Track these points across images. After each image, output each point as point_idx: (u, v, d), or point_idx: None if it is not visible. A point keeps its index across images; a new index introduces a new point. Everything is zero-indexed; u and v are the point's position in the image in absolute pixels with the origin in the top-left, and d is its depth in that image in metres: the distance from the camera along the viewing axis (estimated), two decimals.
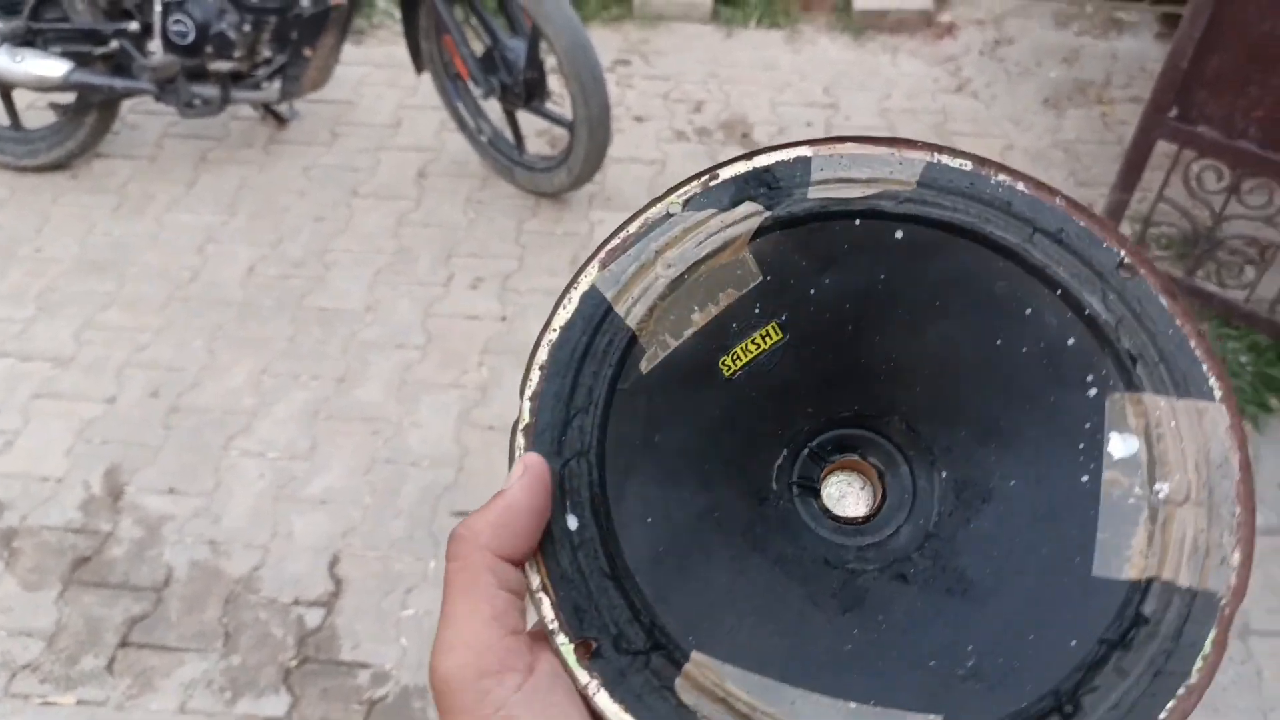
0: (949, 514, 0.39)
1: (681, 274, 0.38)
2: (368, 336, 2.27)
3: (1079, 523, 0.35)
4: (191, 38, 2.38)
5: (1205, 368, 0.35)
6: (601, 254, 0.38)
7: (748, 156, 0.39)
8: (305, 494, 1.95)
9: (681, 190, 0.39)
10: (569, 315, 0.38)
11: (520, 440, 0.37)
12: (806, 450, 0.41)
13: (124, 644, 1.72)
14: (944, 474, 0.39)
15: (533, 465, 0.36)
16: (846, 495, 0.41)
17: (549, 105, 2.47)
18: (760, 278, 0.39)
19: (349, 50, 3.17)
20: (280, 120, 2.86)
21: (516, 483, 0.36)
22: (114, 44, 2.44)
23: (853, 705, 0.34)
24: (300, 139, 2.85)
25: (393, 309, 2.33)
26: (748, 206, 0.38)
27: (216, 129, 2.86)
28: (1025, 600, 0.35)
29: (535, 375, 0.37)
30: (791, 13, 3.35)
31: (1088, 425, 0.36)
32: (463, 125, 2.63)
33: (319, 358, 2.21)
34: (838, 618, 0.37)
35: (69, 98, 2.57)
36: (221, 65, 2.43)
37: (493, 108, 2.56)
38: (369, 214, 2.60)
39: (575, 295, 0.38)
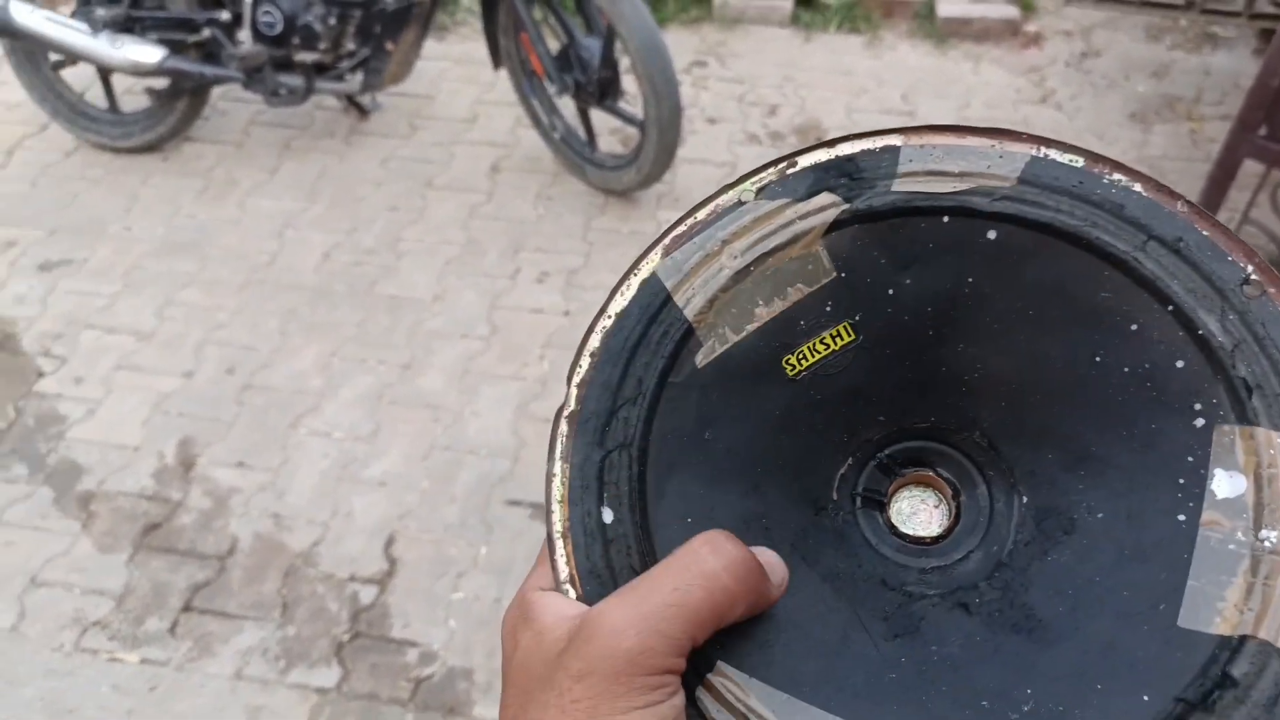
0: (1025, 544, 0.36)
1: (747, 265, 0.36)
2: (433, 325, 2.31)
3: (1169, 566, 0.32)
4: (279, 28, 2.46)
5: None
6: (666, 240, 0.37)
7: (830, 144, 0.36)
8: (366, 475, 2.00)
9: (756, 177, 0.37)
10: (625, 303, 0.36)
11: (564, 427, 0.36)
12: (875, 461, 0.38)
13: (187, 608, 1.79)
14: (1025, 499, 0.36)
15: (768, 559, 0.34)
16: (919, 512, 0.38)
17: (622, 104, 2.49)
18: (834, 274, 0.36)
19: (430, 45, 3.24)
20: (362, 111, 2.93)
21: (724, 566, 0.32)
22: (206, 32, 2.53)
23: None
24: (380, 130, 2.92)
25: (459, 299, 2.37)
26: (825, 197, 0.36)
27: (301, 118, 2.94)
28: (1098, 646, 0.32)
29: (585, 362, 0.36)
30: (873, 18, 3.32)
31: (1191, 459, 0.33)
32: (537, 121, 2.66)
33: (385, 344, 2.26)
34: (886, 643, 0.35)
35: (163, 83, 2.66)
36: (306, 56, 2.50)
37: (567, 105, 2.59)
38: (441, 205, 2.65)
39: (634, 282, 0.36)
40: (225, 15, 2.51)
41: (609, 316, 0.36)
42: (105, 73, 2.73)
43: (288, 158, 2.83)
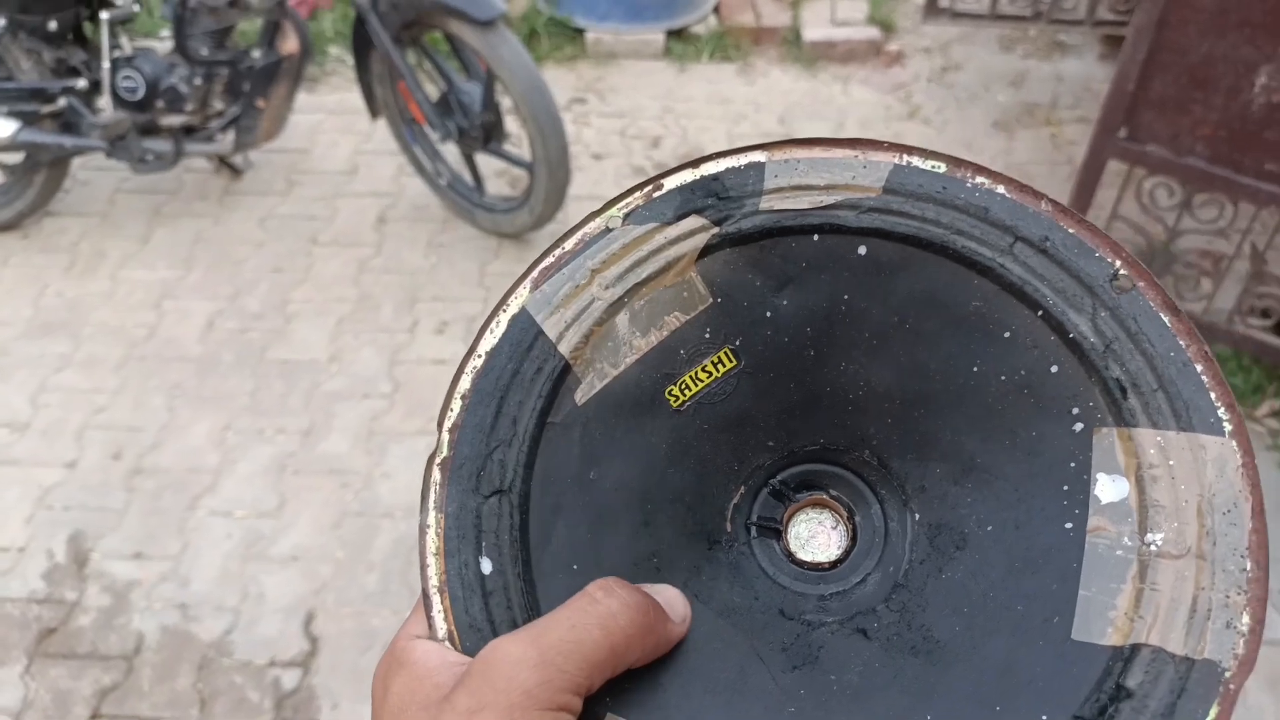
0: (920, 562, 0.35)
1: (621, 296, 0.35)
2: (332, 387, 2.24)
3: (1060, 576, 0.32)
4: (142, 93, 2.36)
5: (1213, 396, 0.31)
6: (534, 273, 0.35)
7: (695, 164, 0.36)
8: (275, 552, 1.91)
9: (622, 203, 0.36)
10: (495, 340, 0.35)
11: (436, 475, 0.34)
12: (768, 488, 0.38)
13: (95, 716, 1.67)
14: (917, 515, 0.36)
15: (667, 597, 0.33)
16: (816, 535, 0.38)
17: (507, 147, 2.47)
18: (710, 300, 0.35)
19: (302, 98, 3.15)
20: (235, 171, 2.83)
21: (620, 608, 0.31)
22: (62, 102, 2.40)
23: None
24: (256, 189, 2.82)
25: (357, 358, 2.30)
26: (693, 220, 0.35)
27: (170, 182, 2.82)
28: (995, 666, 0.32)
29: (456, 405, 0.34)
30: (743, 46, 3.39)
31: (1073, 465, 0.32)
32: (421, 169, 2.62)
33: (283, 411, 2.18)
34: (785, 675, 0.34)
35: (17, 157, 2.52)
36: (173, 120, 2.40)
37: (451, 151, 2.56)
38: (329, 262, 2.57)
39: (504, 318, 0.35)
40: (82, 83, 2.39)
41: (479, 356, 0.35)
42: None
43: (159, 225, 2.71)
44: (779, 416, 0.37)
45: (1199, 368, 0.31)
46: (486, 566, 0.33)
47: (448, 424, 0.34)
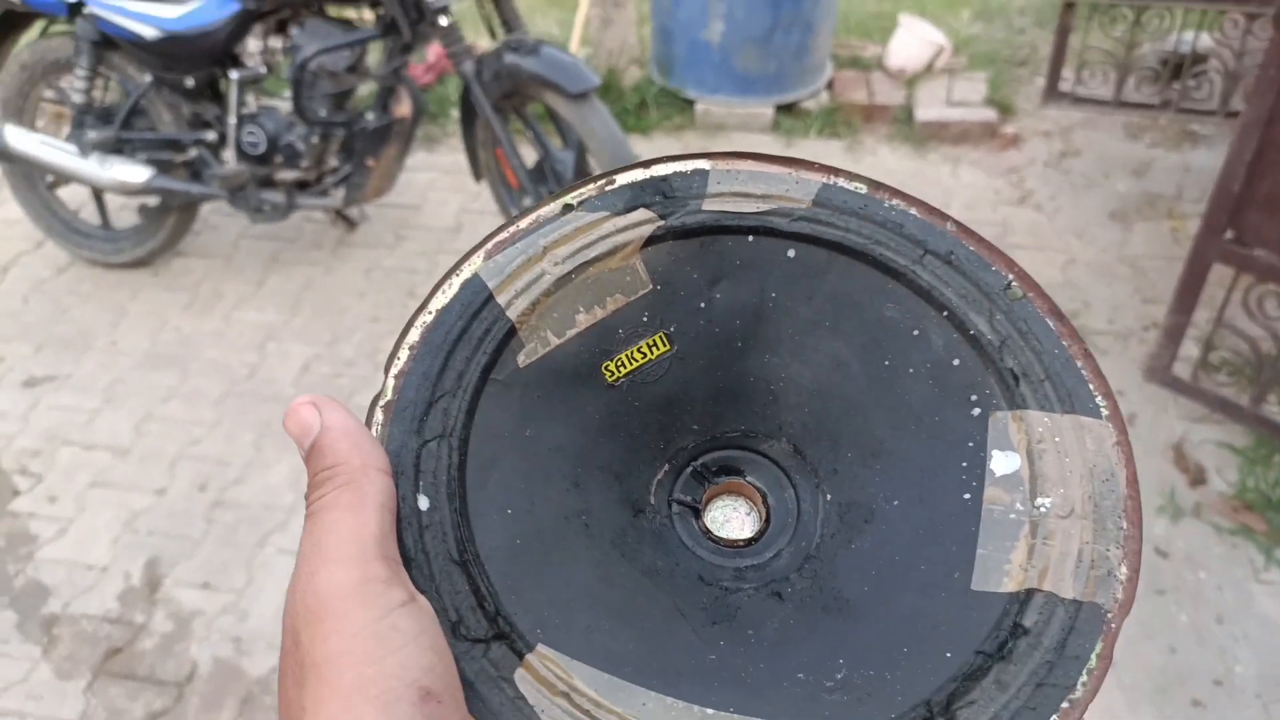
0: (831, 536, 0.38)
1: (569, 273, 0.37)
2: None
3: (960, 540, 0.35)
4: (263, 148, 2.52)
5: (1092, 386, 0.35)
6: (488, 245, 0.37)
7: (646, 164, 0.39)
8: None
9: (576, 192, 0.38)
10: (446, 300, 0.37)
11: (379, 416, 0.35)
12: (690, 469, 0.40)
13: None
14: (829, 497, 0.39)
15: (317, 400, 0.35)
16: (731, 520, 0.40)
17: None
18: (650, 286, 0.38)
19: (421, 156, 3.32)
20: (350, 223, 2.98)
21: (329, 412, 0.34)
22: (192, 152, 2.59)
23: (710, 712, 0.33)
24: (366, 241, 2.97)
25: None
26: (641, 213, 0.38)
27: (290, 230, 3.00)
28: (902, 616, 0.35)
29: (404, 354, 0.36)
30: (853, 123, 3.38)
31: (971, 444, 0.36)
32: None
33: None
34: (705, 629, 0.36)
35: (153, 200, 2.73)
36: (289, 174, 2.55)
37: None
38: None
39: (456, 282, 0.37)
40: (211, 135, 2.58)
41: (429, 312, 0.37)
42: (97, 191, 2.79)
43: (274, 270, 2.88)
44: (705, 402, 0.40)
45: (1079, 364, 0.35)
46: (424, 503, 0.34)
47: (394, 370, 0.36)
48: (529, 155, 2.52)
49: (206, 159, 2.59)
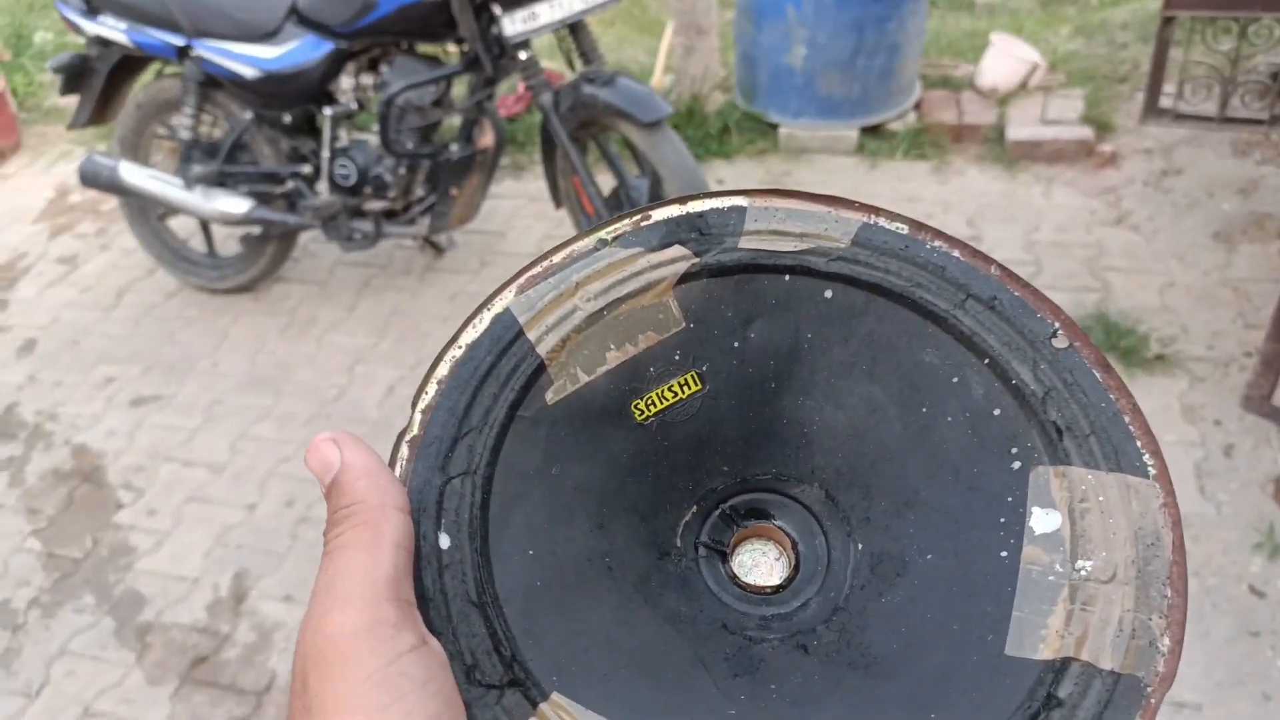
0: (861, 587, 0.37)
1: (601, 309, 0.37)
2: None
3: (995, 599, 0.34)
4: (354, 180, 2.63)
5: (1139, 443, 0.34)
6: (520, 279, 0.37)
7: (682, 201, 0.38)
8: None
9: (611, 227, 0.38)
10: (477, 334, 0.36)
11: (404, 451, 0.35)
12: (719, 511, 0.39)
13: None
14: (860, 546, 0.37)
15: (338, 437, 0.35)
16: (759, 565, 0.39)
17: None
18: (683, 324, 0.37)
19: (509, 184, 3.40)
20: (438, 249, 3.08)
21: (349, 449, 0.34)
22: (290, 184, 2.72)
23: None
24: (452, 267, 3.05)
25: None
26: (676, 250, 0.37)
27: (381, 257, 3.11)
28: (931, 678, 0.34)
29: (432, 388, 0.36)
30: (941, 144, 3.32)
31: (1010, 499, 0.34)
32: None
33: None
34: (726, 681, 0.35)
35: (256, 229, 2.87)
36: (377, 204, 2.66)
37: None
38: None
39: (486, 316, 0.36)
40: (307, 168, 2.71)
41: (459, 346, 0.36)
42: (204, 222, 2.96)
43: (366, 295, 2.99)
44: (736, 443, 0.39)
45: (1127, 419, 0.34)
46: (445, 542, 0.34)
47: (421, 404, 0.36)
48: (607, 183, 2.56)
49: (302, 190, 2.71)
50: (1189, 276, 2.67)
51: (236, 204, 2.69)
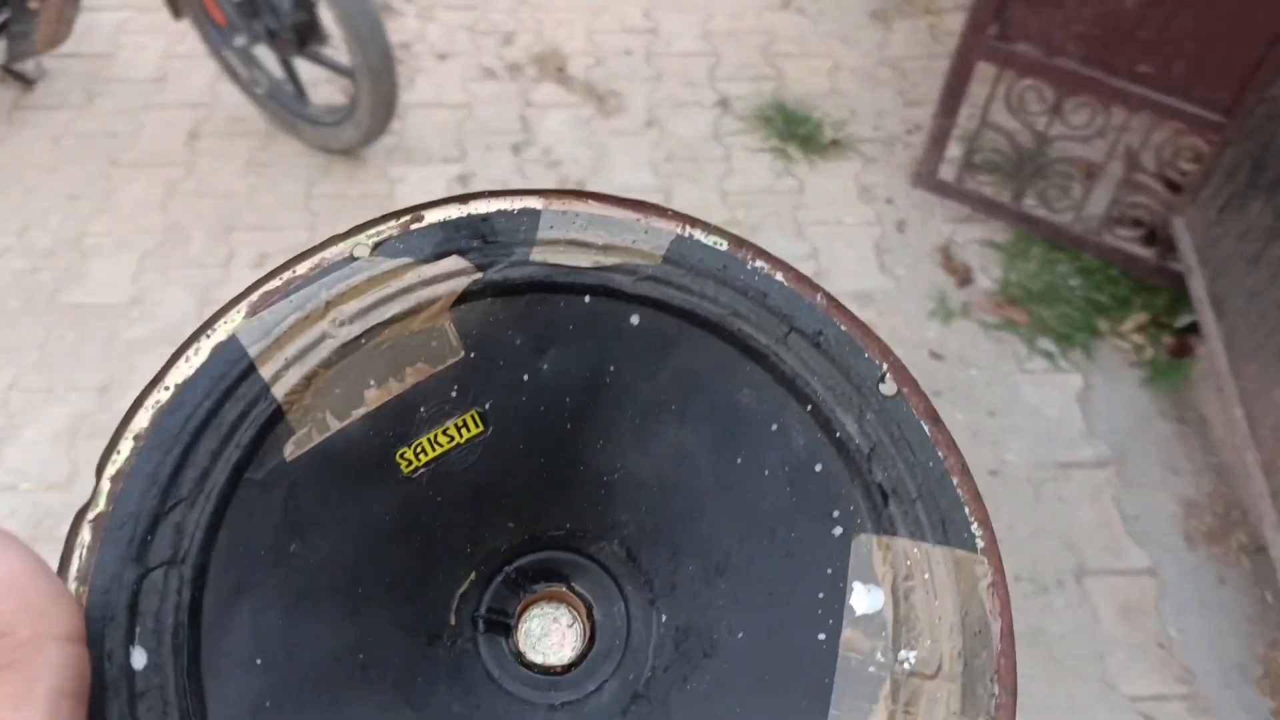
0: (664, 669, 0.33)
1: (358, 336, 0.31)
2: (134, 335, 2.00)
3: (811, 692, 0.30)
4: None
5: (968, 510, 0.31)
6: (253, 296, 0.30)
7: (463, 199, 0.32)
8: (65, 531, 1.71)
9: (373, 230, 0.32)
10: (192, 371, 0.29)
11: (85, 534, 0.27)
12: (502, 575, 0.35)
13: None
14: (664, 617, 0.34)
15: None
16: (549, 634, 0.34)
17: (327, 50, 2.20)
18: (461, 353, 0.32)
19: None
20: (25, 82, 2.49)
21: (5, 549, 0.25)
22: None
23: None
24: (50, 102, 2.50)
25: (163, 299, 2.06)
26: (454, 261, 0.32)
27: None
28: None
29: (125, 448, 0.28)
30: None
31: (830, 570, 0.31)
32: (235, 76, 2.33)
33: (76, 365, 1.94)
34: None
35: None
36: None
37: (269, 55, 2.27)
38: (131, 186, 2.29)
39: (206, 345, 0.30)
40: None
41: (165, 388, 0.29)
42: None
43: None
44: (524, 495, 0.34)
45: (955, 480, 0.31)
46: (139, 660, 0.27)
47: (111, 469, 0.28)
48: None
49: None
50: (853, 58, 2.73)
51: None
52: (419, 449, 0.32)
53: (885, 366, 0.32)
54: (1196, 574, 1.70)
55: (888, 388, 0.32)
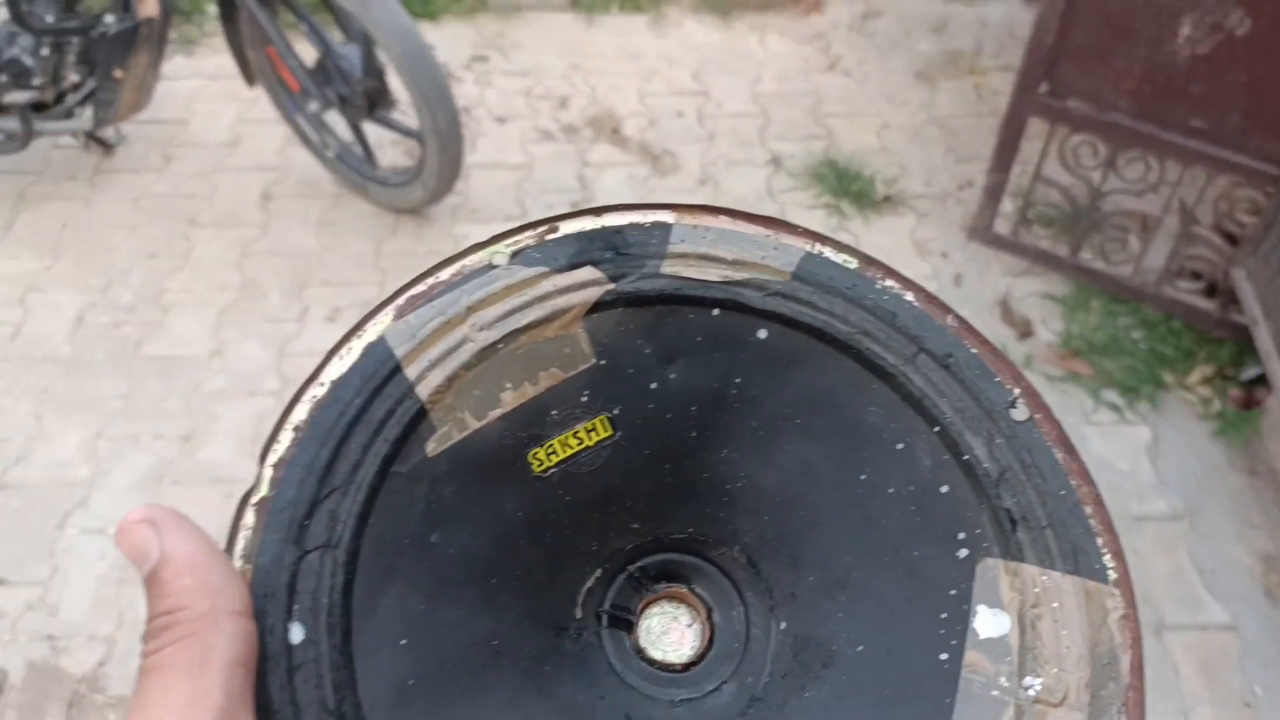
0: (783, 676, 0.33)
1: (495, 341, 0.32)
2: (214, 386, 2.06)
3: (931, 711, 0.30)
4: None
5: (1100, 542, 0.30)
6: (400, 300, 0.32)
7: (597, 212, 0.34)
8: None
9: (512, 239, 0.33)
10: (345, 369, 0.31)
11: (249, 517, 0.29)
12: (625, 574, 0.35)
13: None
14: (783, 625, 0.34)
15: (154, 512, 0.29)
16: (669, 632, 0.35)
17: (396, 115, 2.29)
18: (593, 360, 0.33)
19: (180, 62, 2.93)
20: (106, 147, 2.60)
21: (170, 534, 0.28)
22: None
23: None
24: (129, 166, 2.60)
25: (240, 352, 2.13)
26: (588, 271, 0.32)
27: (35, 162, 2.59)
28: None
29: (286, 437, 0.30)
30: None
31: (954, 592, 0.31)
32: (306, 140, 2.42)
33: (160, 415, 2.01)
34: None
35: None
36: (19, 96, 2.17)
37: (338, 119, 2.37)
38: (209, 245, 2.38)
39: (357, 346, 0.31)
40: None
41: (321, 384, 0.31)
42: None
43: (23, 209, 2.48)
44: (649, 498, 0.35)
45: (1088, 510, 0.30)
46: (297, 635, 0.29)
47: (273, 458, 0.30)
48: (308, 53, 2.24)
49: None
50: (900, 117, 2.80)
51: None
52: (550, 450, 0.33)
53: (1017, 391, 0.32)
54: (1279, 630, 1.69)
55: (1019, 413, 0.31)
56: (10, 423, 2.00)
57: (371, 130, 2.37)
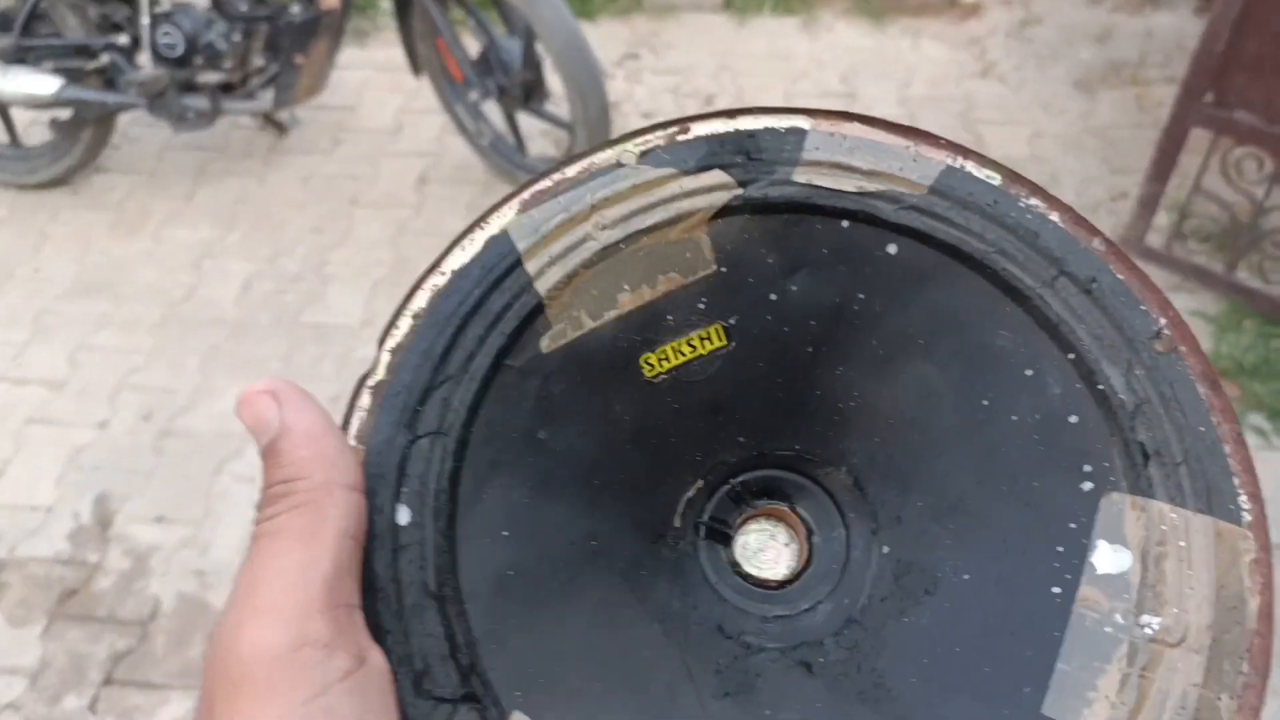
0: (882, 599, 0.32)
1: (618, 241, 0.31)
2: (365, 353, 2.19)
3: (1039, 644, 0.29)
4: (181, 50, 2.32)
5: (1237, 482, 0.29)
6: (525, 194, 0.31)
7: (730, 114, 0.32)
8: None
9: (641, 139, 0.32)
10: (466, 259, 0.31)
11: (365, 399, 0.30)
12: (727, 487, 0.34)
13: (108, 681, 1.67)
14: (886, 549, 0.33)
15: (276, 384, 0.29)
16: (766, 549, 0.34)
17: (549, 106, 2.38)
18: (713, 267, 0.32)
19: (352, 53, 3.11)
20: (281, 129, 2.80)
21: (290, 408, 0.29)
22: (104, 58, 2.39)
23: None
24: (300, 147, 2.79)
25: None
26: (717, 175, 0.31)
27: (217, 139, 2.80)
28: None
29: (405, 324, 0.30)
30: None
31: (1073, 525, 0.30)
32: (463, 129, 2.54)
33: (314, 377, 2.14)
34: (714, 701, 0.31)
35: (65, 113, 2.52)
36: (211, 76, 2.36)
37: (494, 110, 2.47)
38: (368, 224, 2.52)
39: (480, 237, 0.31)
40: (124, 39, 2.37)
41: (442, 273, 0.31)
42: (2, 107, 2.57)
43: (203, 183, 2.69)
44: (758, 412, 0.34)
45: (1228, 448, 0.29)
46: (404, 517, 0.29)
47: (391, 343, 0.30)
48: (472, 46, 2.35)
49: (120, 65, 2.38)
50: (1056, 125, 2.71)
51: (43, 83, 2.34)
52: (662, 356, 0.33)
53: (1164, 322, 0.30)
54: None
55: (1163, 344, 0.30)
56: (180, 376, 2.17)
57: (524, 121, 2.47)
